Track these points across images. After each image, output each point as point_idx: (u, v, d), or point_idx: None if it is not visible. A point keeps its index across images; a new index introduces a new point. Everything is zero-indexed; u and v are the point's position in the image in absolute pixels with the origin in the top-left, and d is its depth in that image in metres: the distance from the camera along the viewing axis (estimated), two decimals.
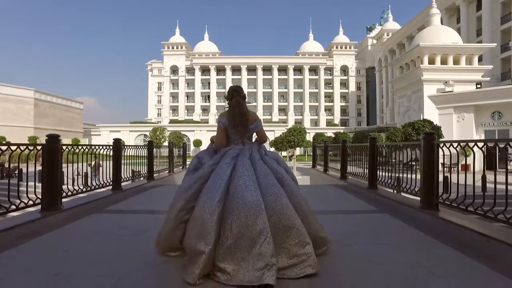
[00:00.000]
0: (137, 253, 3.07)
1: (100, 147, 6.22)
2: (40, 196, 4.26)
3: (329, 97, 70.77)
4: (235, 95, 3.15)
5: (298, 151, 38.08)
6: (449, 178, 5.05)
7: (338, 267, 2.81)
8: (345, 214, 5.11)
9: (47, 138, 4.43)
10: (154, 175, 9.15)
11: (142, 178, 8.91)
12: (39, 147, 4.29)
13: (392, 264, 2.86)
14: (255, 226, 2.51)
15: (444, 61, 29.86)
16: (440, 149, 4.40)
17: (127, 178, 7.43)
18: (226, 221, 2.60)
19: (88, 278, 2.52)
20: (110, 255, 3.04)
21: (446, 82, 27.85)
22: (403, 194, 5.70)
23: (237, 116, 3.12)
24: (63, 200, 4.74)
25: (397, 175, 5.85)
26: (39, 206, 4.29)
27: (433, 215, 4.24)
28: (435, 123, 22.20)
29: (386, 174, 6.32)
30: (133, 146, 8.07)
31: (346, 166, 8.73)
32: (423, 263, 2.84)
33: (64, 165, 5.26)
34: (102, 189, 6.29)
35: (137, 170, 8.41)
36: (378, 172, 6.59)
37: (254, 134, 3.34)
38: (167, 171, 10.93)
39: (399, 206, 5.11)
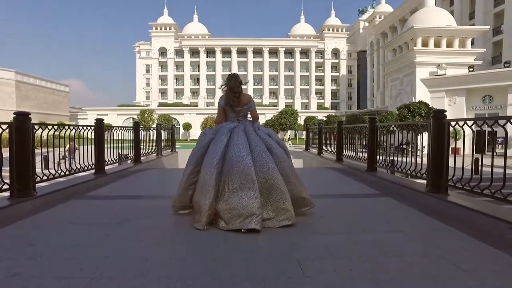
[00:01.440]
0: (117, 246, 2.65)
1: (81, 128, 5.70)
2: (8, 181, 3.77)
3: (320, 80, 70.21)
4: (233, 79, 3.72)
5: (289, 134, 37.66)
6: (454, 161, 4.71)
7: (354, 260, 2.45)
8: (348, 198, 4.78)
9: (15, 115, 3.90)
10: (142, 158, 8.67)
11: (129, 162, 8.44)
12: (4, 126, 3.75)
13: (411, 255, 2.51)
14: (246, 184, 3.22)
15: (437, 44, 29.52)
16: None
17: (113, 161, 6.94)
18: (223, 180, 3.32)
19: (53, 280, 2.08)
20: (83, 248, 2.61)
21: (439, 65, 27.60)
22: (399, 175, 5.40)
23: (234, 97, 3.72)
24: (39, 185, 4.28)
25: (395, 158, 5.55)
26: (9, 193, 3.81)
27: (443, 199, 3.90)
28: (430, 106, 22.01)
29: (382, 157, 6.03)
30: (118, 127, 7.53)
31: (342, 148, 8.37)
32: (446, 255, 2.49)
33: (50, 149, 4.92)
34: (84, 173, 5.80)
35: (124, 153, 7.93)
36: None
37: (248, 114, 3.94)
38: (155, 154, 10.44)
39: (403, 189, 4.78)
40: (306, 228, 3.21)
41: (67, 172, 5.08)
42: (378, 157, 6.22)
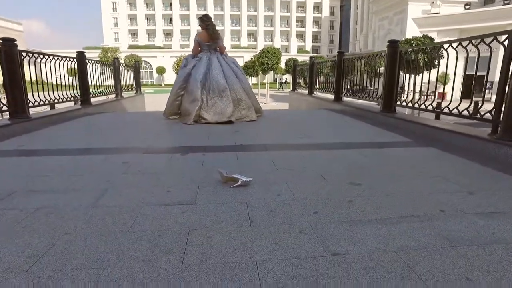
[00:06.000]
0: None
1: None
2: None
3: (301, 22, 66.28)
4: (210, 21, 5.23)
5: (267, 77, 35.11)
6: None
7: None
8: (377, 149, 3.35)
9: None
10: (92, 99, 6.84)
11: (76, 104, 6.61)
12: None
13: None
14: (222, 96, 4.88)
15: None
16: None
17: (46, 102, 5.13)
18: (207, 93, 4.90)
19: None
20: None
21: (433, 2, 25.52)
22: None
23: (212, 34, 5.20)
24: None
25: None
26: None
27: None
28: None
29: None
30: (51, 55, 5.52)
31: (342, 85, 6.82)
32: None
33: None
34: None
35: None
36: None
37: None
38: (114, 96, 8.57)
39: (451, 136, 3.38)
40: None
41: None
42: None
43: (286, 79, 33.47)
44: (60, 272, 1.19)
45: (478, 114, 3.17)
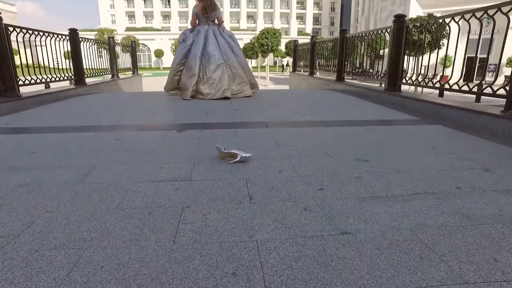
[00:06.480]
0: None
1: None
2: None
3: (302, 3, 64.85)
4: None
5: (267, 60, 34.33)
6: None
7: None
8: (383, 126, 3.20)
9: None
10: (87, 79, 6.63)
11: (70, 83, 6.41)
12: None
13: None
14: (218, 70, 5.01)
15: None
16: None
17: (37, 81, 4.93)
18: (204, 68, 5.01)
19: None
20: None
21: None
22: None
23: (207, 6, 5.20)
24: None
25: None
26: None
27: None
28: None
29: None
30: (41, 32, 5.28)
31: (344, 64, 6.60)
32: None
33: None
34: None
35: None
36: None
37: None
38: (110, 76, 8.35)
39: (460, 114, 3.22)
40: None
41: None
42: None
43: (288, 61, 32.81)
44: (36, 252, 1.06)
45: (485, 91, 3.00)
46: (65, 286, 0.89)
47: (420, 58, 4.89)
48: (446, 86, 3.59)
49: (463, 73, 3.60)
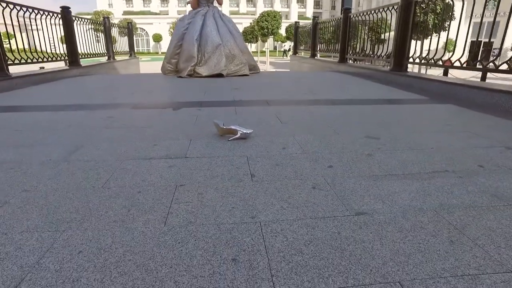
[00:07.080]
0: None
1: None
2: None
3: None
4: None
5: (267, 45, 33.62)
6: None
7: None
8: (391, 105, 3.02)
9: None
10: (81, 60, 6.41)
11: (65, 65, 6.20)
12: None
13: None
14: (215, 52, 5.12)
15: None
16: None
17: (28, 60, 4.73)
18: (201, 49, 5.15)
19: None
20: None
21: None
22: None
23: None
24: None
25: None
26: None
27: None
28: None
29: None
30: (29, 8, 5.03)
31: (347, 45, 6.37)
32: None
33: None
34: None
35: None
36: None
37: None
38: (106, 58, 8.10)
39: (471, 92, 3.05)
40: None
41: None
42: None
43: (290, 46, 32.24)
44: (4, 236, 0.91)
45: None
46: (33, 275, 0.75)
47: (426, 40, 4.68)
48: (457, 64, 3.40)
49: (470, 52, 3.41)
